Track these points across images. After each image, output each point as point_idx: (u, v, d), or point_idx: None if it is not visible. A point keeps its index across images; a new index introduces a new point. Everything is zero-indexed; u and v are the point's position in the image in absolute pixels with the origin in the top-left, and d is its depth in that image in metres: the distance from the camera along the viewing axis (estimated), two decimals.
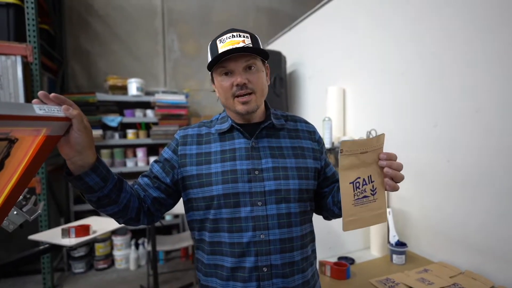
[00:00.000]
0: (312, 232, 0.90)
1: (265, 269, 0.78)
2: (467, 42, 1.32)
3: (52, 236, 1.64)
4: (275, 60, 2.54)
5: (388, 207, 1.67)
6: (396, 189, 0.73)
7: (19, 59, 2.31)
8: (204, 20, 3.78)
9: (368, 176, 0.73)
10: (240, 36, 0.79)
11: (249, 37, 0.81)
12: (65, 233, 1.58)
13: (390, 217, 1.55)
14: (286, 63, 2.70)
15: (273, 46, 3.18)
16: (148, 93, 3.22)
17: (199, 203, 0.82)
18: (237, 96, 0.80)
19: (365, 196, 0.73)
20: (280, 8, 4.17)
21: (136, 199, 0.80)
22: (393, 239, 1.50)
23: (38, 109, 0.53)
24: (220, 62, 0.78)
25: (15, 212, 1.09)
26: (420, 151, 1.55)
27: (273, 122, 0.87)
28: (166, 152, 0.88)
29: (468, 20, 1.32)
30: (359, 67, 2.01)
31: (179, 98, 3.20)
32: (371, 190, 0.73)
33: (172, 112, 3.16)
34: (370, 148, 0.72)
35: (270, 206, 0.79)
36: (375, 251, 1.60)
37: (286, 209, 0.80)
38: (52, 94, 0.58)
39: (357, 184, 0.72)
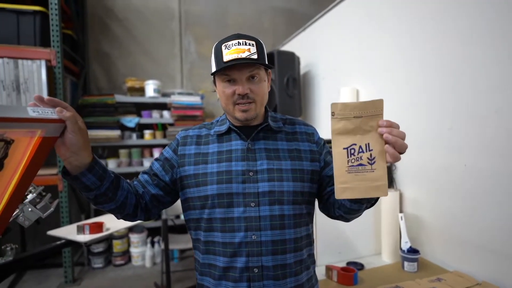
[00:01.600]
0: (308, 236, 0.88)
1: (256, 270, 0.78)
2: (484, 41, 1.25)
3: (69, 232, 1.73)
4: (288, 61, 2.53)
5: (401, 211, 1.61)
6: (397, 158, 0.66)
7: (43, 63, 2.44)
8: (220, 22, 3.83)
9: (366, 144, 0.68)
10: (246, 44, 0.79)
11: (254, 44, 0.81)
12: (80, 229, 1.65)
13: (402, 222, 1.49)
14: (300, 63, 2.68)
15: (288, 47, 3.16)
16: (164, 95, 3.29)
17: (195, 202, 0.83)
18: (238, 104, 0.81)
19: (361, 164, 0.68)
20: (297, 8, 4.14)
21: (133, 196, 0.82)
22: (405, 245, 1.44)
23: (32, 111, 0.55)
24: (224, 70, 0.79)
25: (30, 209, 1.15)
26: (435, 154, 1.48)
27: (270, 124, 0.87)
28: (166, 152, 0.90)
29: (483, 19, 1.24)
30: (372, 67, 1.95)
31: (195, 100, 3.25)
32: (368, 159, 0.68)
33: (187, 113, 3.21)
34: (366, 113, 0.67)
35: (263, 207, 0.79)
36: (386, 257, 1.54)
37: (279, 210, 0.80)
38: (47, 97, 0.60)
39: (352, 151, 0.68)
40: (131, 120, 3.10)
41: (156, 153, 3.22)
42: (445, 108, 1.43)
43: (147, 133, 3.19)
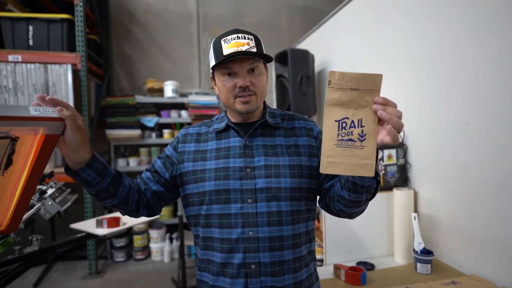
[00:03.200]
0: (308, 233, 0.87)
1: (253, 266, 0.78)
2: (501, 36, 1.17)
3: (90, 225, 1.83)
4: (302, 59, 2.51)
5: (415, 211, 1.55)
6: (395, 137, 0.63)
7: (69, 67, 2.60)
8: (237, 23, 3.86)
9: (359, 120, 0.65)
10: (244, 38, 0.80)
11: (253, 39, 0.82)
12: (99, 223, 1.74)
13: (415, 222, 1.43)
14: (314, 61, 2.64)
15: (304, 44, 3.13)
16: (182, 95, 3.39)
17: (193, 198, 0.85)
18: (239, 97, 0.82)
19: (350, 140, 0.66)
20: (314, 5, 4.09)
21: (135, 192, 0.86)
22: (418, 246, 1.39)
23: (33, 110, 0.60)
24: (225, 63, 0.80)
25: (50, 203, 1.24)
26: (451, 151, 1.41)
27: (268, 121, 0.88)
28: (168, 149, 0.93)
29: (506, 13, 1.17)
30: (386, 64, 1.89)
31: (211, 99, 3.31)
32: (359, 135, 0.65)
33: (204, 113, 3.28)
34: (363, 86, 0.64)
35: (261, 203, 0.80)
36: (399, 258, 1.50)
37: (276, 207, 0.80)
38: (48, 97, 0.65)
39: (344, 124, 0.65)
40: (150, 120, 3.21)
41: None
42: (462, 104, 1.36)
43: (166, 132, 3.29)
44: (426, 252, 1.37)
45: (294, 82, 2.45)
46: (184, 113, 3.34)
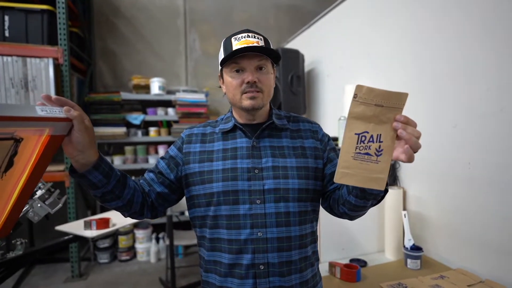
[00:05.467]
0: (313, 233, 0.89)
1: (262, 267, 0.79)
2: (490, 40, 1.24)
3: (77, 227, 1.76)
4: (293, 58, 2.53)
5: (404, 209, 1.61)
6: (411, 157, 0.64)
7: (50, 61, 2.47)
8: (225, 19, 3.83)
9: (378, 135, 0.66)
10: (255, 37, 0.82)
11: (262, 39, 0.83)
12: (87, 225, 1.68)
13: (405, 220, 1.49)
14: (304, 61, 2.67)
15: (293, 44, 3.16)
16: (169, 92, 3.32)
17: (200, 200, 0.85)
18: (246, 93, 0.82)
19: (367, 154, 0.66)
20: (301, 5, 4.12)
21: (140, 194, 0.84)
22: (408, 242, 1.45)
23: (40, 110, 0.57)
24: (234, 59, 0.80)
25: (39, 205, 1.18)
26: (439, 152, 1.47)
27: (275, 122, 0.88)
28: (172, 150, 0.91)
29: (491, 17, 1.24)
30: (377, 66, 1.95)
31: (199, 97, 3.27)
32: (376, 150, 0.66)
33: (192, 111, 3.23)
34: (388, 103, 0.65)
35: (269, 204, 0.80)
36: (390, 255, 1.55)
37: (284, 208, 0.81)
38: (54, 97, 0.62)
39: (363, 138, 0.66)
40: (136, 118, 3.13)
41: (161, 150, 3.25)
42: (450, 106, 1.43)
43: (152, 130, 3.22)
44: (415, 248, 1.43)
45: (285, 82, 2.46)
46: (171, 110, 3.28)
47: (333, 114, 2.43)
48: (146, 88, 3.25)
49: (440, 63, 1.48)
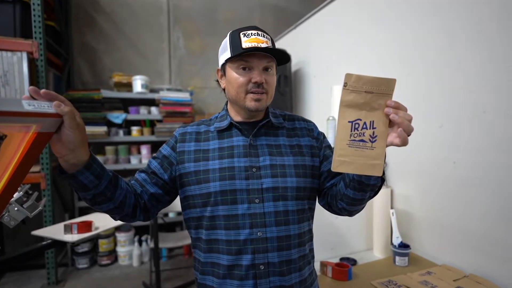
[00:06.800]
0: (310, 231, 0.89)
1: (262, 267, 0.77)
2: (475, 43, 1.29)
3: (55, 232, 1.66)
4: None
5: (392, 208, 1.64)
6: (405, 140, 0.66)
7: (25, 55, 2.33)
8: (209, 17, 3.77)
9: (371, 122, 0.67)
10: (264, 36, 0.81)
11: (270, 40, 0.82)
12: (68, 229, 1.59)
13: (393, 218, 1.52)
14: (291, 61, 2.68)
15: (279, 44, 3.16)
16: (152, 90, 3.22)
17: (196, 200, 0.82)
18: (251, 93, 0.80)
19: (362, 140, 0.68)
20: (287, 6, 4.13)
21: (132, 195, 0.80)
22: (396, 240, 1.48)
23: (27, 104, 0.52)
24: (243, 56, 0.78)
25: (16, 209, 1.10)
26: (425, 152, 1.52)
27: (272, 120, 0.87)
28: (164, 149, 0.88)
29: (473, 21, 1.28)
30: (364, 67, 1.98)
31: (184, 96, 3.20)
32: (370, 136, 0.68)
33: (176, 110, 3.16)
34: (377, 89, 0.66)
35: (268, 203, 0.79)
36: (378, 253, 1.58)
37: (283, 206, 0.80)
38: (43, 90, 0.57)
39: (356, 125, 0.68)
40: (118, 116, 3.01)
41: (144, 150, 3.15)
42: (436, 107, 1.47)
43: (135, 129, 3.12)
44: (403, 246, 1.46)
45: None
46: (154, 109, 3.19)
47: (320, 114, 2.45)
48: (128, 86, 3.14)
49: (427, 65, 1.52)
